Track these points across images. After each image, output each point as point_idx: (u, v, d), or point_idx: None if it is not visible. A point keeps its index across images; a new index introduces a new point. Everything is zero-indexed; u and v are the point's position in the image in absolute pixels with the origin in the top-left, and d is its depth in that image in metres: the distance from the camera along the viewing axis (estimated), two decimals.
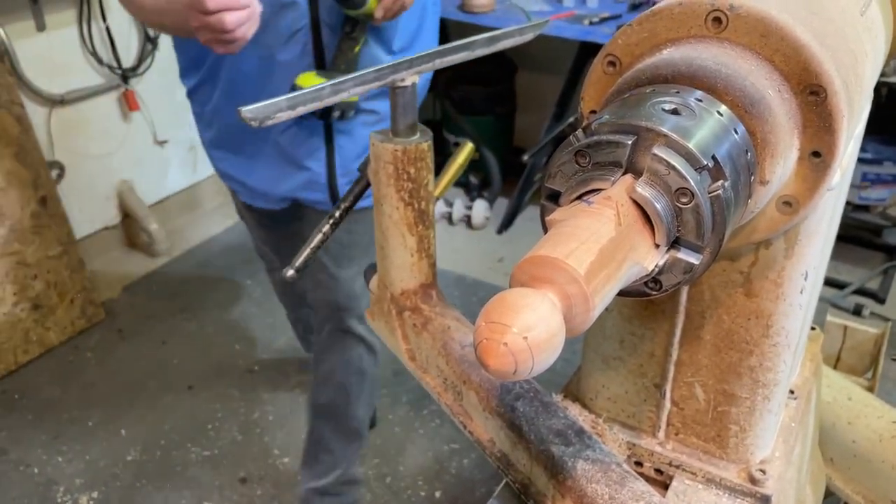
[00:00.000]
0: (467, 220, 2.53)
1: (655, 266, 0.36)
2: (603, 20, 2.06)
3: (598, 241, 0.33)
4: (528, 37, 0.71)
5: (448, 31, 2.79)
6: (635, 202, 0.36)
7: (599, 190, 0.37)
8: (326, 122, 1.20)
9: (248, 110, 0.52)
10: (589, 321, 0.32)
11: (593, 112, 0.51)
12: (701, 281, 0.56)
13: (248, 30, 0.92)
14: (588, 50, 2.19)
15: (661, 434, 0.62)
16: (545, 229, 0.42)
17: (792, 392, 0.69)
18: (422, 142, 0.66)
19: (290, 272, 0.72)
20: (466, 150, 0.82)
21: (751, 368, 0.56)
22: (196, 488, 1.60)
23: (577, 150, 0.38)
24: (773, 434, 0.60)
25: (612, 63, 0.49)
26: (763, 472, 0.58)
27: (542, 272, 0.32)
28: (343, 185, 1.25)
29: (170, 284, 2.29)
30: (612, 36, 0.49)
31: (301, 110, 0.56)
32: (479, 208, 2.51)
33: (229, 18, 0.88)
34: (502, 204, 2.56)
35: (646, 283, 0.39)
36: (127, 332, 2.08)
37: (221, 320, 2.14)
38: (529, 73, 2.68)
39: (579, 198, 0.38)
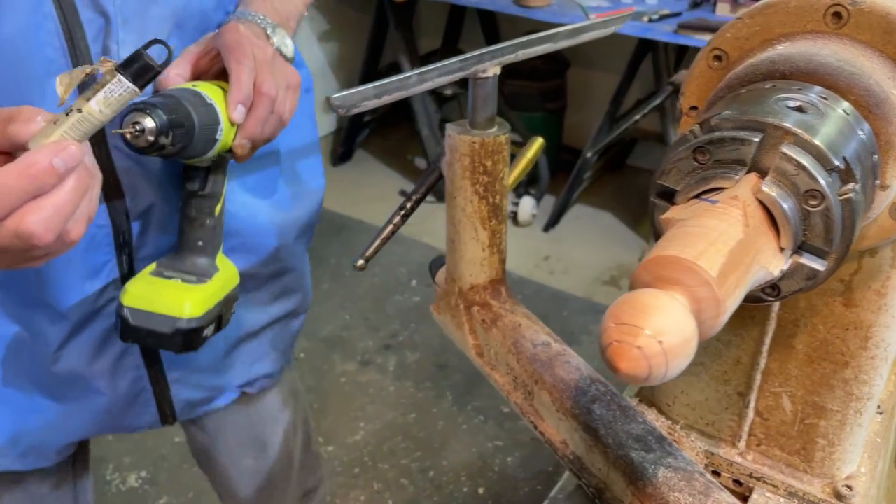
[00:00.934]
0: (513, 217, 2.52)
1: (780, 271, 0.35)
2: (662, 17, 2.02)
3: (726, 243, 0.31)
4: (611, 29, 0.69)
5: (499, 26, 2.77)
6: (760, 202, 0.34)
7: (720, 189, 0.36)
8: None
9: (336, 98, 0.52)
10: (717, 327, 0.30)
11: (694, 108, 0.49)
12: None
13: (75, 227, 0.48)
14: (646, 47, 2.15)
15: (742, 444, 0.60)
16: (654, 227, 0.40)
17: (878, 406, 0.66)
18: (499, 134, 0.65)
19: (360, 262, 0.71)
20: (536, 145, 0.81)
21: (844, 381, 0.54)
22: None
23: (696, 146, 0.36)
24: (860, 449, 0.57)
25: (718, 57, 0.47)
26: (850, 487, 0.56)
27: (671, 273, 0.31)
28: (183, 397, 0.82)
29: None
30: (720, 29, 0.47)
31: (387, 99, 0.55)
32: (526, 205, 2.49)
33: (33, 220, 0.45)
34: (549, 201, 2.54)
35: (763, 289, 0.38)
36: None
37: None
38: (581, 70, 2.64)
39: (697, 196, 0.36)
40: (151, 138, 0.57)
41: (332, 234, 2.48)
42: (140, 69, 0.47)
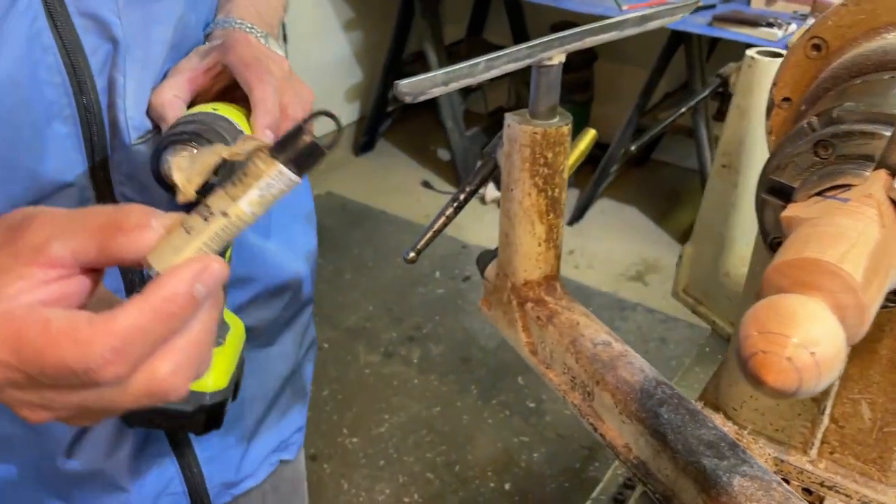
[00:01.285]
0: None
1: None
2: (697, 9, 1.98)
3: (866, 245, 0.29)
4: (678, 17, 0.67)
5: (525, 15, 2.74)
6: (891, 201, 0.32)
7: (845, 186, 0.33)
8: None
9: (403, 85, 0.50)
10: (859, 336, 0.28)
11: (787, 99, 0.46)
12: None
13: (203, 365, 0.37)
14: (678, 39, 2.11)
15: (814, 452, 0.57)
16: (763, 226, 0.38)
17: None
18: (562, 125, 0.63)
19: (412, 254, 0.69)
20: (589, 137, 0.79)
21: None
22: None
23: (818, 140, 0.34)
24: None
25: (817, 46, 0.44)
26: None
27: (811, 277, 0.28)
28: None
29: None
30: (820, 17, 0.45)
31: (454, 86, 0.53)
32: None
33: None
34: (573, 195, 2.51)
35: (888, 297, 0.35)
36: None
37: None
38: (609, 63, 2.60)
39: (820, 193, 0.34)
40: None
41: (353, 224, 2.47)
42: (306, 154, 0.34)
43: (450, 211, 0.72)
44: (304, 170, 0.34)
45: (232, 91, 0.57)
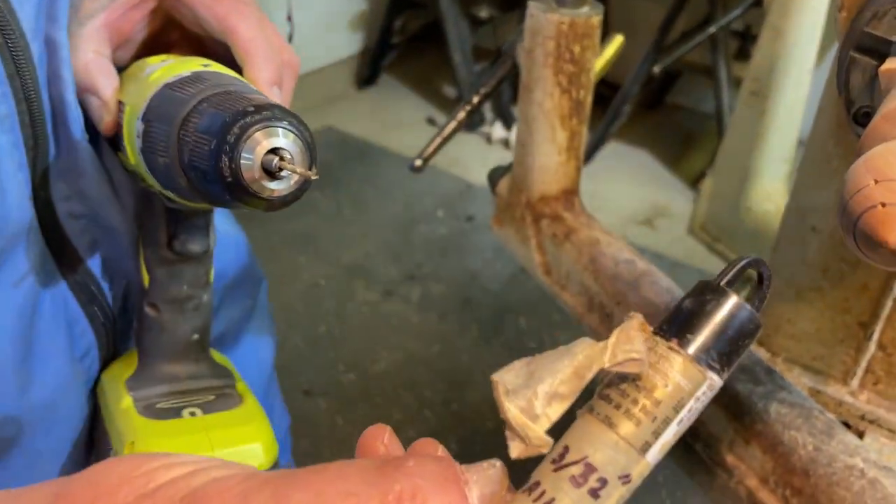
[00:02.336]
0: None
1: None
2: None
3: None
4: None
5: None
6: None
7: None
8: None
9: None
10: None
11: None
12: None
13: None
14: None
15: (856, 382, 0.52)
16: (847, 96, 0.32)
17: None
18: (592, 15, 0.56)
19: (419, 162, 0.63)
20: (617, 43, 0.71)
21: None
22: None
23: None
24: None
25: None
26: None
27: None
28: None
29: None
30: None
31: None
32: None
33: None
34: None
35: None
36: None
37: (287, 231, 2.09)
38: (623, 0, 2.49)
39: None
40: (296, 184, 0.34)
41: (353, 160, 2.39)
42: (740, 333, 0.22)
43: (461, 114, 0.66)
44: (733, 364, 0.22)
45: (163, 38, 0.43)
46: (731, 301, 0.22)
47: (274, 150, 0.32)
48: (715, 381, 0.21)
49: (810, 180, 0.48)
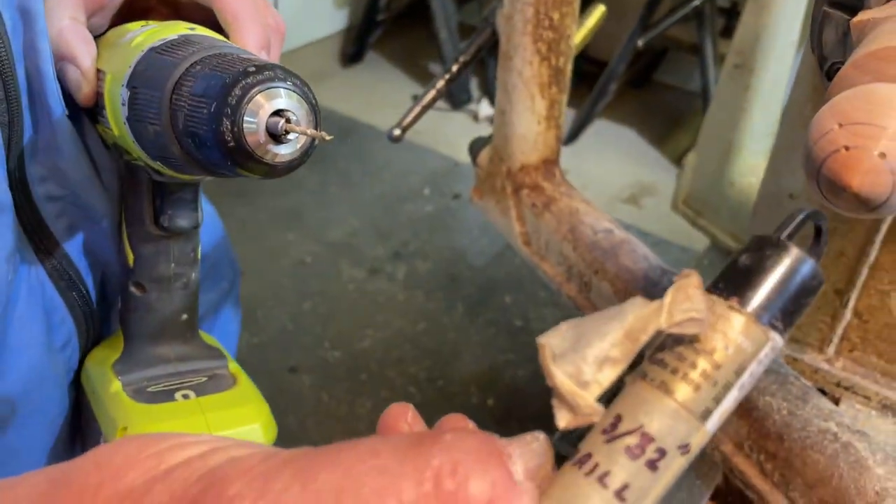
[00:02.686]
0: None
1: None
2: None
3: None
4: None
5: None
6: None
7: None
8: None
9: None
10: None
11: None
12: None
13: None
14: None
15: (832, 349, 0.53)
16: (820, 52, 0.31)
17: None
18: None
19: (397, 131, 0.62)
20: (598, 13, 0.71)
21: None
22: None
23: None
24: None
25: None
26: None
27: None
28: None
29: None
30: None
31: None
32: None
33: None
34: (568, 115, 2.42)
35: None
36: None
37: (275, 208, 2.08)
38: None
39: None
40: (302, 147, 0.32)
41: (340, 138, 2.37)
42: (801, 292, 0.20)
43: (441, 83, 0.65)
44: (795, 323, 0.20)
45: (138, 5, 0.41)
46: (793, 255, 0.19)
47: (278, 113, 0.30)
48: (777, 341, 0.20)
49: (787, 146, 0.48)
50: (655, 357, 0.20)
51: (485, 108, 2.44)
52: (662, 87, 2.66)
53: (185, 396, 0.41)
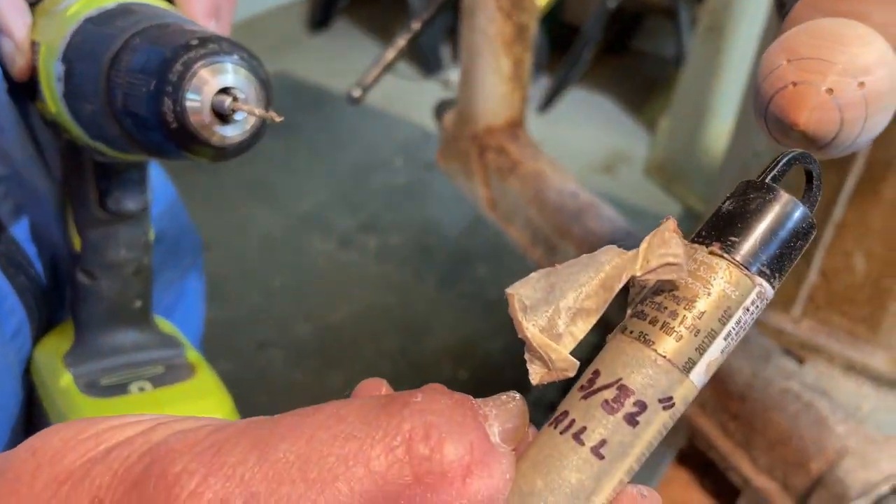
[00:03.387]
0: None
1: None
2: None
3: None
4: None
5: None
6: None
7: None
8: None
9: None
10: None
11: None
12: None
13: None
14: None
15: (797, 310, 0.52)
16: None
17: None
18: None
19: (358, 92, 0.60)
20: None
21: None
22: (211, 350, 1.56)
23: None
24: None
25: None
26: None
27: (855, 5, 0.21)
28: None
29: None
30: None
31: None
32: None
33: None
34: (544, 83, 2.39)
35: None
36: None
37: (241, 180, 2.04)
38: None
39: None
40: (252, 128, 0.30)
41: (307, 107, 2.33)
42: (792, 240, 0.19)
43: (401, 42, 0.62)
44: (786, 271, 0.19)
45: None
46: (780, 197, 0.18)
47: (225, 90, 0.28)
48: (765, 288, 0.18)
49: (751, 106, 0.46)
50: (635, 310, 0.19)
51: (457, 76, 2.40)
52: (639, 54, 2.64)
53: (141, 389, 0.39)
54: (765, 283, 0.18)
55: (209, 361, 0.45)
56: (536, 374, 0.19)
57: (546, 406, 0.87)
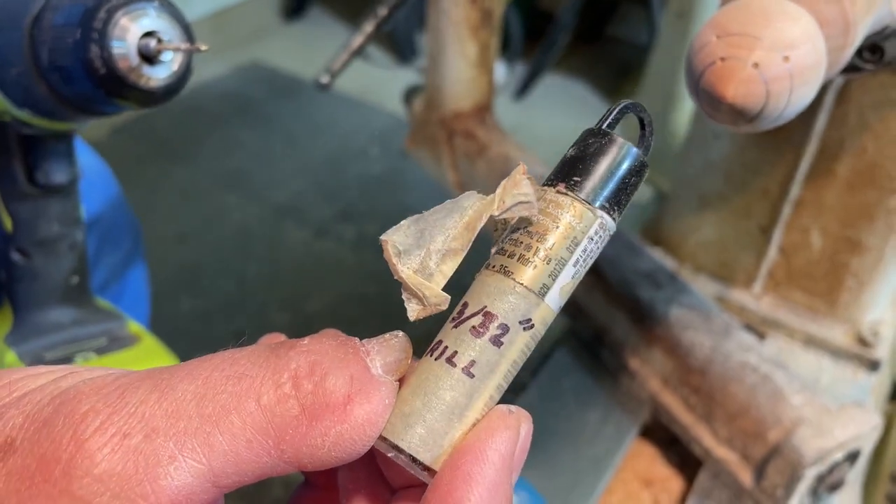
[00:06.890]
0: None
1: None
2: None
3: None
4: None
5: None
6: None
7: None
8: None
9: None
10: (838, 65, 0.22)
11: None
12: (849, 99, 0.45)
13: None
14: None
15: (758, 287, 0.53)
16: None
17: None
18: None
19: (326, 78, 0.60)
20: None
21: (888, 211, 0.47)
22: (186, 341, 1.55)
23: None
24: (890, 293, 0.52)
25: None
26: (876, 333, 0.51)
27: None
28: None
29: (160, 130, 2.15)
30: None
31: None
32: (497, 70, 2.34)
33: None
34: (519, 71, 2.40)
35: (860, 54, 0.29)
36: (116, 176, 1.96)
37: (215, 170, 2.02)
38: None
39: None
40: (179, 68, 0.30)
41: (283, 97, 2.31)
42: (631, 174, 0.21)
43: (369, 28, 0.62)
44: (624, 205, 0.21)
45: None
46: (615, 141, 0.21)
47: (149, 34, 0.29)
48: (606, 220, 0.21)
49: None
50: (498, 248, 0.22)
51: None
52: (614, 42, 2.65)
53: (87, 359, 0.39)
54: (605, 216, 0.21)
55: (184, 353, 0.45)
56: (413, 311, 0.22)
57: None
